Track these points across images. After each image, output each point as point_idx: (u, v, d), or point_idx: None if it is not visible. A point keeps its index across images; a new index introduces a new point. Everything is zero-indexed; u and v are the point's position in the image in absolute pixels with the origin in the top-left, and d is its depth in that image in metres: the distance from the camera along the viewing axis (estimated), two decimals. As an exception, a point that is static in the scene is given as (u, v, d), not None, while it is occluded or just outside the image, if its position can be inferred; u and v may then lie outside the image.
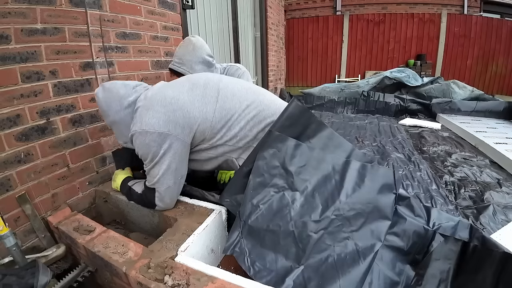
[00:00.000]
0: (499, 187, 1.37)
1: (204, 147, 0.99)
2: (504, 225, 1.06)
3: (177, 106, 0.93)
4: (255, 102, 1.01)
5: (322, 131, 1.02)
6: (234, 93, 1.01)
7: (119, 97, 0.98)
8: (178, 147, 0.93)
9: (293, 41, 6.59)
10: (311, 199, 0.85)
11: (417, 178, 1.50)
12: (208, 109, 0.95)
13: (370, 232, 0.80)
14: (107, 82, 1.03)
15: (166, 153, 0.92)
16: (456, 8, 5.87)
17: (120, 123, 1.00)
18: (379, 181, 0.87)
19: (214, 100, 0.97)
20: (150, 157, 0.93)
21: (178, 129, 0.92)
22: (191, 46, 1.36)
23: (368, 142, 2.18)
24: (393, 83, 3.71)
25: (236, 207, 0.89)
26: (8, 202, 0.92)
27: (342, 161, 0.91)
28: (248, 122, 0.98)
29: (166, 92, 0.97)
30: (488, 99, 3.20)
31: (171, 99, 0.94)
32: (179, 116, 0.92)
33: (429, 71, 5.80)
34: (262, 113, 1.00)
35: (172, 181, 0.96)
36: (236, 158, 1.01)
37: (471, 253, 0.70)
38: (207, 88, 0.99)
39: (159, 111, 0.92)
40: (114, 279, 0.83)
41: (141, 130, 0.91)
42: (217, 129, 0.96)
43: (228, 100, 0.98)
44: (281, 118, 0.98)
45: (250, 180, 0.90)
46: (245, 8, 3.33)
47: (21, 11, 0.93)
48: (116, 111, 0.98)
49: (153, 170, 0.95)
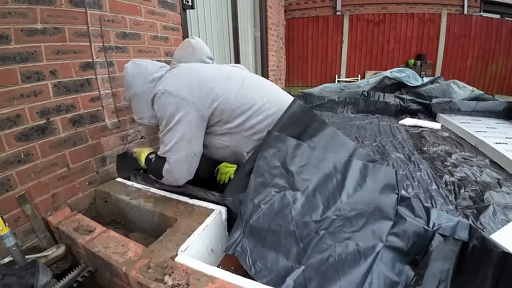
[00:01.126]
0: (499, 187, 1.37)
1: (219, 131, 1.00)
2: (504, 225, 1.06)
3: (202, 79, 0.97)
4: (275, 100, 1.05)
5: (324, 130, 1.01)
6: (257, 86, 1.05)
7: (146, 72, 1.03)
8: (194, 117, 0.93)
9: (293, 41, 6.59)
10: (312, 199, 0.85)
11: (417, 178, 1.50)
12: (231, 91, 0.98)
13: (372, 232, 0.79)
14: (137, 59, 1.10)
15: (181, 120, 0.92)
16: (456, 8, 5.87)
17: (141, 96, 1.03)
18: (381, 181, 0.86)
19: (239, 86, 1.00)
20: (165, 120, 0.94)
21: (198, 99, 0.93)
22: (190, 48, 1.35)
23: (368, 142, 2.18)
24: (393, 83, 3.71)
25: (238, 205, 0.89)
26: (8, 202, 0.92)
27: (343, 160, 0.90)
28: (267, 117, 1.01)
29: (194, 66, 1.04)
30: (488, 99, 3.20)
31: (199, 72, 1.00)
32: (202, 88, 0.95)
33: (429, 71, 5.80)
34: (279, 112, 1.02)
35: (184, 153, 0.95)
36: (247, 152, 1.02)
37: (470, 253, 0.70)
38: (232, 73, 1.05)
39: (184, 78, 0.97)
40: (114, 279, 0.83)
41: (164, 90, 0.94)
42: (237, 114, 0.98)
43: (251, 90, 1.02)
44: (283, 117, 0.98)
45: (251, 180, 0.90)
46: (245, 8, 3.33)
47: (21, 11, 0.92)
48: (141, 84, 1.02)
49: (167, 137, 0.95)
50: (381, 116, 3.20)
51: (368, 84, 3.74)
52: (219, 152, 1.07)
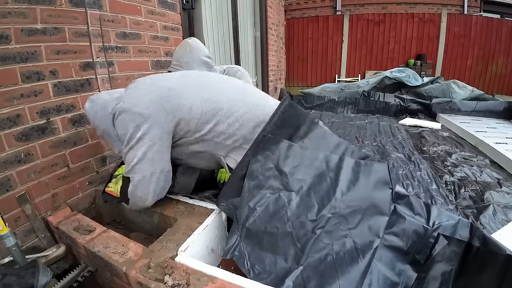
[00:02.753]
0: (499, 187, 1.37)
1: (190, 141, 0.95)
2: (504, 224, 1.06)
3: (164, 89, 0.91)
4: (244, 100, 0.99)
5: (314, 130, 1.02)
6: (224, 88, 0.99)
7: (104, 105, 0.97)
8: (157, 134, 0.88)
9: (293, 41, 6.58)
10: (307, 198, 0.85)
11: (417, 177, 1.50)
12: (196, 97, 0.92)
13: (368, 228, 0.79)
14: (93, 96, 1.03)
15: (142, 137, 0.87)
16: (456, 8, 5.87)
17: (109, 129, 0.98)
18: (373, 177, 0.86)
19: (203, 91, 0.95)
20: (127, 138, 0.88)
21: (161, 113, 0.88)
22: (188, 47, 1.35)
23: (368, 142, 2.18)
24: (393, 83, 3.71)
25: (232, 210, 0.89)
26: (8, 202, 0.92)
27: (335, 158, 0.91)
28: (237, 119, 0.95)
29: (155, 76, 0.97)
30: (488, 99, 3.20)
31: (159, 81, 0.93)
32: (163, 101, 0.89)
33: (429, 71, 5.80)
34: (251, 112, 0.97)
35: (148, 172, 0.89)
36: (224, 156, 0.97)
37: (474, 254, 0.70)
38: (198, 78, 0.99)
39: (144, 91, 0.90)
40: (114, 279, 0.83)
41: (122, 108, 0.89)
42: (203, 121, 0.92)
43: (218, 94, 0.96)
44: (272, 119, 0.96)
45: (245, 183, 0.89)
46: (245, 8, 3.33)
47: (21, 11, 0.93)
48: (103, 119, 0.96)
49: (128, 156, 0.89)
50: (381, 116, 3.20)
51: (368, 84, 3.74)
52: (195, 160, 1.02)
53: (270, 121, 0.96)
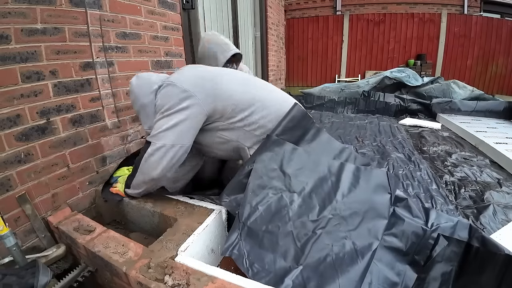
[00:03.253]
0: (499, 187, 1.37)
1: (221, 126, 1.01)
2: (504, 224, 1.06)
3: (208, 75, 1.00)
4: (276, 97, 1.09)
5: (321, 135, 1.09)
6: (262, 85, 1.11)
7: (150, 82, 1.05)
8: (195, 112, 0.94)
9: (293, 41, 6.58)
10: (308, 199, 0.86)
11: (417, 177, 1.50)
12: (237, 88, 1.01)
13: (367, 231, 0.81)
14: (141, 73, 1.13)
15: (181, 111, 0.93)
16: (456, 8, 5.87)
17: (148, 105, 1.04)
18: (373, 182, 0.90)
19: (245, 83, 1.05)
20: (165, 108, 0.95)
21: (203, 94, 0.95)
22: None
23: (368, 142, 2.18)
24: (393, 83, 3.71)
25: (235, 207, 0.89)
26: (8, 202, 0.92)
27: (337, 164, 0.94)
28: (271, 113, 1.03)
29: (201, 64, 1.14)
30: (488, 99, 3.20)
31: (205, 68, 1.06)
32: (207, 84, 0.97)
33: (429, 71, 5.79)
34: (282, 109, 1.05)
35: (170, 141, 0.93)
36: (249, 147, 1.03)
37: (474, 254, 0.71)
38: (239, 73, 1.11)
39: (190, 73, 1.01)
40: (114, 279, 0.83)
41: (170, 82, 0.97)
42: (240, 109, 0.99)
43: (256, 88, 1.07)
44: (283, 120, 1.02)
45: (249, 182, 0.91)
46: (245, 7, 3.33)
47: (21, 11, 0.92)
48: (146, 94, 1.03)
49: (160, 122, 0.95)
50: (381, 116, 3.20)
51: (368, 84, 3.74)
52: (219, 147, 1.07)
53: (281, 122, 1.02)
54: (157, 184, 1.05)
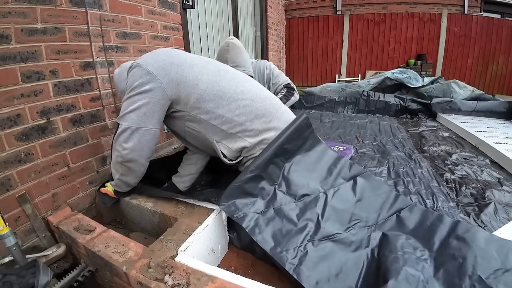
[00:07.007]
0: (500, 185, 1.37)
1: (187, 116, 1.00)
2: (506, 223, 1.06)
3: (177, 61, 0.98)
4: (250, 91, 1.05)
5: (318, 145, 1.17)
6: (234, 77, 1.06)
7: (127, 67, 1.04)
8: (156, 95, 0.94)
9: (293, 41, 6.59)
10: None
11: (418, 175, 1.49)
12: (203, 78, 0.99)
13: None
14: None
15: (143, 93, 0.93)
16: (456, 8, 5.86)
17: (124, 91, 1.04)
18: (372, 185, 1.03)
19: (213, 74, 1.01)
20: (130, 88, 0.96)
21: (166, 78, 0.94)
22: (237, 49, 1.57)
23: (368, 141, 2.17)
24: (394, 83, 3.71)
25: (233, 211, 0.89)
26: (8, 202, 0.93)
27: None
28: (239, 107, 1.01)
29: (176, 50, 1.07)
30: (489, 99, 3.19)
31: (175, 54, 1.02)
32: (174, 68, 0.96)
33: (429, 71, 5.79)
34: (253, 104, 1.03)
35: (135, 124, 0.94)
36: (217, 141, 1.02)
37: None
38: (210, 63, 1.07)
39: (159, 57, 0.98)
40: (115, 279, 0.83)
41: (137, 63, 0.97)
42: (205, 100, 0.98)
43: (225, 80, 1.03)
44: (289, 128, 1.06)
45: None
46: (246, 7, 3.33)
47: (21, 11, 0.93)
48: (124, 79, 1.03)
49: (125, 103, 0.96)
50: (381, 116, 3.19)
51: (369, 84, 3.73)
52: (194, 139, 1.08)
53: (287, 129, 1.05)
54: (130, 168, 1.01)
